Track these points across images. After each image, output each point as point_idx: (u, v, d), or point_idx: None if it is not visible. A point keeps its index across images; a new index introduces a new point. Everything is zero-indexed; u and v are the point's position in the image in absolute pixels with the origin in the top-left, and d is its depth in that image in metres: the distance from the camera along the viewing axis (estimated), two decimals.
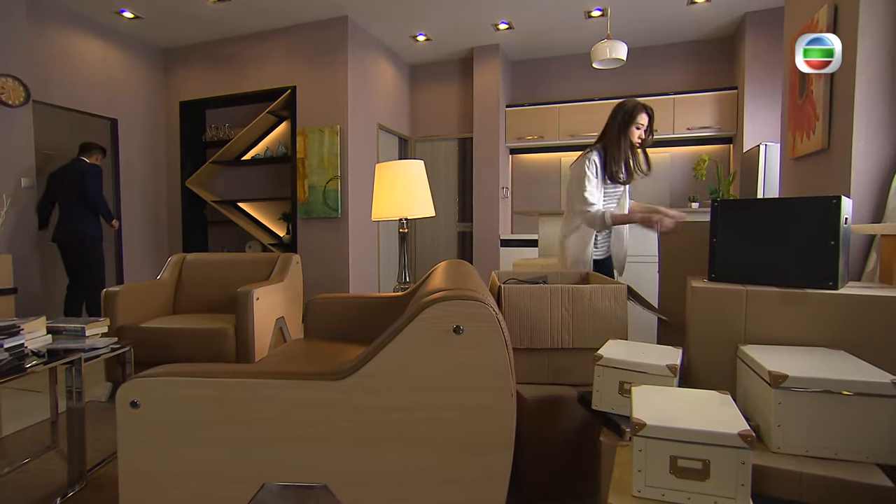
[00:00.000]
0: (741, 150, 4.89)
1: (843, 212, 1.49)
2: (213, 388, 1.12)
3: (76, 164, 4.16)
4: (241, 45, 5.29)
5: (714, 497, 0.99)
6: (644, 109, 2.50)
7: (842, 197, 1.48)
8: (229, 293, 2.96)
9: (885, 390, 1.15)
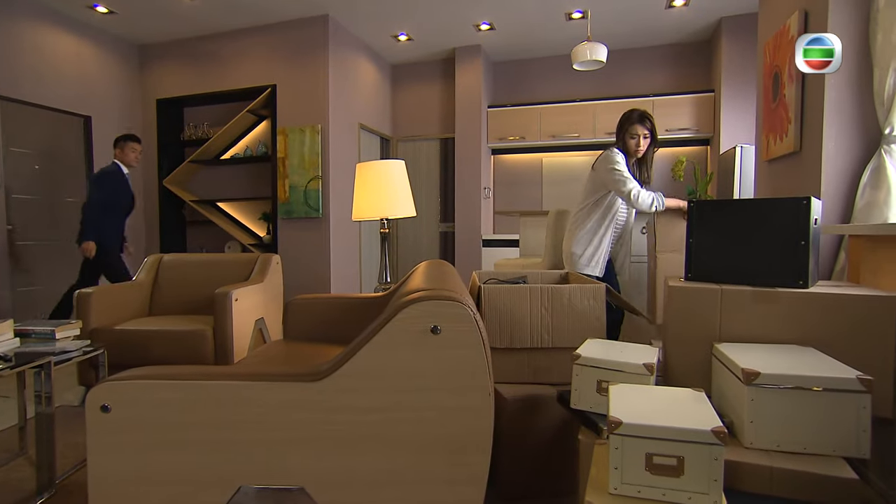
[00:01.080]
0: (718, 151, 4.98)
1: (812, 212, 1.52)
2: (186, 391, 1.10)
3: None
4: (219, 42, 5.21)
5: (688, 493, 1.01)
6: (638, 119, 2.52)
7: (811, 198, 1.52)
8: (207, 294, 2.92)
9: (850, 385, 1.18)
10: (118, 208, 3.96)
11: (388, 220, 2.55)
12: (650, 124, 2.54)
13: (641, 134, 2.52)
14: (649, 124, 2.54)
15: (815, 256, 1.59)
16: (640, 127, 2.52)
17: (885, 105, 1.93)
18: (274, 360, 1.91)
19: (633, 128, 2.53)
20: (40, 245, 4.54)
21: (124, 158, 3.95)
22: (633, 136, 2.53)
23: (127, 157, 3.95)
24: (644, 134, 2.52)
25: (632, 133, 2.53)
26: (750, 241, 1.62)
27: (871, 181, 2.00)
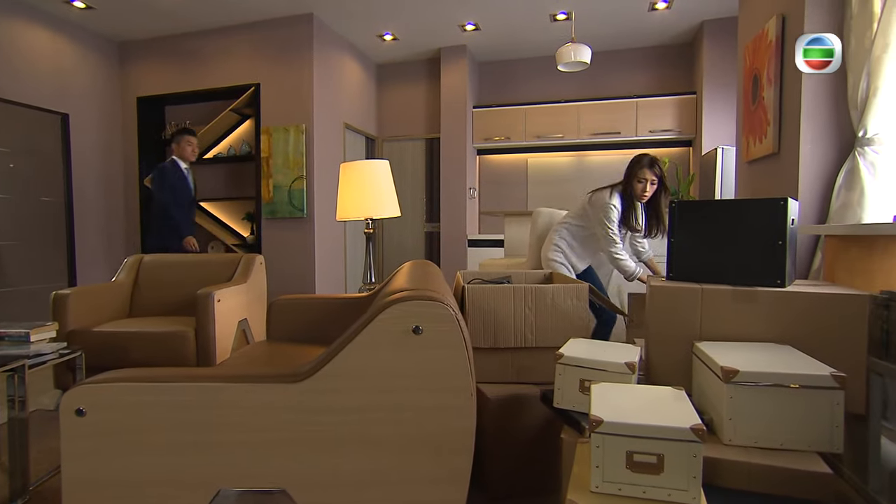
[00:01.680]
0: (700, 152, 5.05)
1: (789, 213, 1.55)
2: (165, 394, 1.08)
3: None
4: (202, 40, 5.14)
5: (668, 490, 1.02)
6: (648, 164, 2.50)
7: (788, 199, 1.55)
8: (189, 295, 2.88)
9: (824, 382, 1.21)
10: (178, 204, 3.88)
11: (372, 221, 2.54)
12: (659, 170, 2.51)
13: (649, 179, 2.49)
14: (658, 170, 2.51)
15: (792, 256, 1.62)
16: (649, 172, 2.50)
17: (858, 108, 1.97)
18: (256, 362, 1.89)
19: (641, 171, 2.51)
20: (14, 246, 4.43)
21: (182, 153, 3.89)
22: (640, 181, 2.51)
23: (184, 151, 3.89)
24: (652, 179, 2.50)
25: (640, 177, 2.50)
26: (729, 241, 1.65)
27: (846, 183, 2.04)
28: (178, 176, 3.89)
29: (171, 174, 3.85)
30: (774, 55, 2.42)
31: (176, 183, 3.86)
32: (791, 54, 2.32)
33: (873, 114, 1.92)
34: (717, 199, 4.21)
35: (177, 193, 3.86)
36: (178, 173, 3.90)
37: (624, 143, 5.60)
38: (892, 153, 1.91)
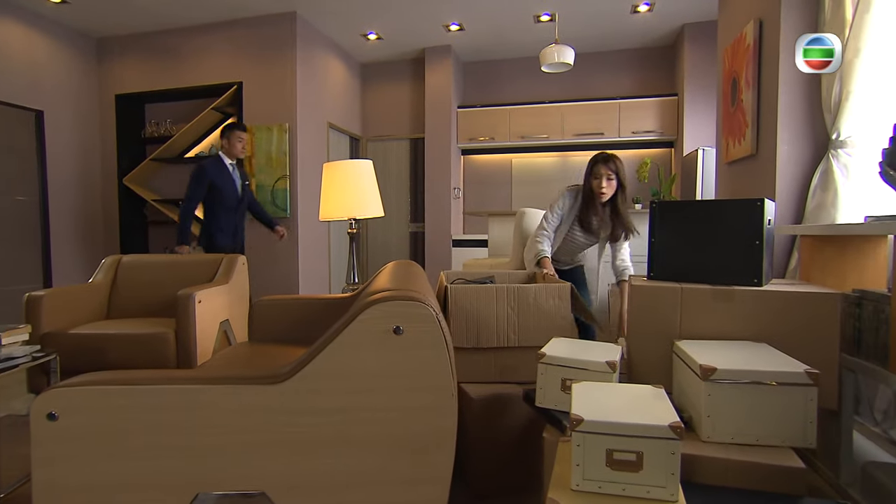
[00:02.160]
0: (682, 153, 5.12)
1: (766, 214, 1.58)
2: (141, 396, 1.06)
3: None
4: (183, 37, 5.06)
5: (647, 487, 1.03)
6: (602, 160, 2.46)
7: (765, 200, 1.57)
8: (170, 296, 2.83)
9: (798, 379, 1.23)
10: (223, 202, 3.61)
11: (356, 221, 2.52)
12: (615, 166, 2.46)
13: (604, 174, 2.44)
14: (614, 166, 2.46)
15: (769, 256, 1.65)
16: (604, 167, 2.45)
17: (832, 112, 2.02)
18: (238, 363, 1.87)
19: (596, 168, 2.47)
20: None
21: (231, 150, 3.64)
22: (596, 177, 2.46)
23: (234, 147, 3.64)
24: (608, 175, 2.44)
25: (595, 173, 2.47)
26: (708, 241, 1.67)
27: (821, 184, 2.09)
28: (220, 173, 3.61)
29: (210, 170, 3.56)
30: (752, 59, 2.47)
31: (217, 180, 3.57)
32: (768, 58, 2.37)
33: (846, 117, 1.97)
34: (696, 199, 4.27)
35: (222, 193, 3.60)
36: (221, 170, 3.61)
37: (607, 144, 5.65)
38: (864, 155, 1.96)
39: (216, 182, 3.57)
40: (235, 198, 3.70)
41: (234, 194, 3.69)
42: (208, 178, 3.54)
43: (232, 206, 3.67)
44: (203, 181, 3.53)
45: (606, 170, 2.44)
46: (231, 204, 3.67)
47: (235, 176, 3.71)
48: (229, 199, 3.65)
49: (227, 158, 3.67)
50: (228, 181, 3.66)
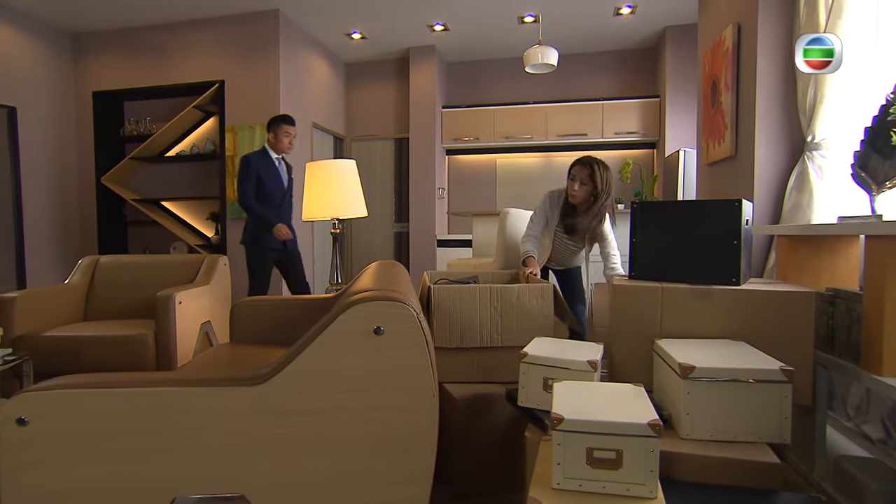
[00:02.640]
0: (664, 154, 5.19)
1: (744, 214, 1.61)
2: (116, 400, 1.04)
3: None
4: (163, 34, 4.98)
5: (626, 484, 1.04)
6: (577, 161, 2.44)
7: (742, 200, 1.60)
8: (149, 297, 2.78)
9: (774, 376, 1.26)
10: (268, 199, 3.43)
11: (339, 221, 2.51)
12: (590, 170, 2.41)
13: (578, 178, 2.42)
14: (588, 170, 2.41)
15: (747, 255, 1.68)
16: (578, 168, 2.43)
17: (807, 115, 2.06)
18: (218, 365, 1.85)
19: (571, 169, 2.47)
20: None
21: (277, 145, 3.46)
22: (571, 178, 2.46)
23: (280, 142, 3.46)
24: (581, 179, 2.41)
25: (570, 175, 2.46)
26: (688, 240, 1.70)
27: (797, 185, 2.13)
28: (266, 166, 3.43)
29: (255, 164, 3.38)
30: (731, 61, 2.51)
31: (263, 174, 3.40)
32: (746, 61, 2.41)
33: (820, 120, 2.02)
34: (676, 199, 4.33)
35: (267, 188, 3.42)
36: (267, 164, 3.44)
37: (591, 145, 5.70)
38: (837, 157, 2.01)
39: (262, 176, 3.39)
40: (281, 193, 3.52)
41: (280, 189, 3.52)
42: (255, 170, 3.36)
43: (277, 202, 3.49)
44: (250, 173, 3.35)
45: (579, 173, 2.43)
46: (276, 200, 3.48)
47: (281, 171, 3.54)
48: (275, 195, 3.47)
49: (273, 153, 3.49)
50: (274, 176, 3.48)
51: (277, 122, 3.45)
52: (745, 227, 1.63)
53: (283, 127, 3.44)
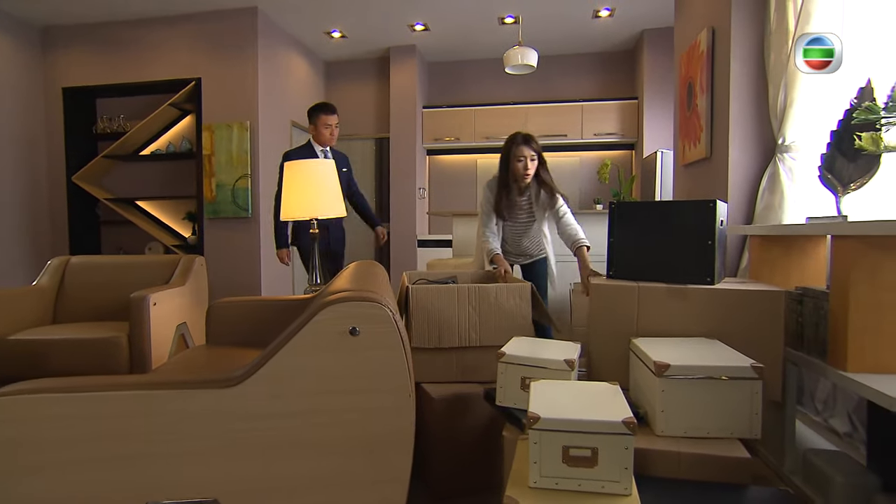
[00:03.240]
0: (642, 155, 5.26)
1: (718, 214, 1.64)
2: (84, 404, 1.01)
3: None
4: (137, 29, 4.87)
5: (601, 482, 1.05)
6: (523, 141, 2.39)
7: (717, 201, 1.63)
8: (123, 299, 2.71)
9: (745, 373, 1.28)
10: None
11: (318, 221, 2.48)
12: (536, 145, 2.40)
13: (528, 156, 2.37)
14: (535, 145, 2.40)
15: (721, 255, 1.71)
16: (527, 149, 2.38)
17: (778, 118, 2.11)
18: (193, 367, 1.81)
19: (518, 150, 2.38)
20: None
21: (319, 137, 3.12)
22: (519, 159, 2.39)
23: (321, 134, 3.10)
24: (531, 156, 2.38)
25: (518, 156, 2.39)
26: (664, 240, 1.72)
27: (768, 186, 2.19)
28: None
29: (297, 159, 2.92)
30: (706, 65, 2.56)
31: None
32: (720, 64, 2.46)
33: (791, 123, 2.07)
34: (654, 200, 4.40)
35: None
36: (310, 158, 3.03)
37: (570, 146, 5.76)
38: (807, 160, 2.06)
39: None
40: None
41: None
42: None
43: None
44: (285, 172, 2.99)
45: (530, 150, 2.38)
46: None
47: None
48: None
49: (317, 146, 3.16)
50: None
51: (315, 112, 3.12)
52: (719, 227, 1.66)
53: (322, 117, 3.10)
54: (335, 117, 3.12)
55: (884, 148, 1.28)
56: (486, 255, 2.42)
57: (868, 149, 1.30)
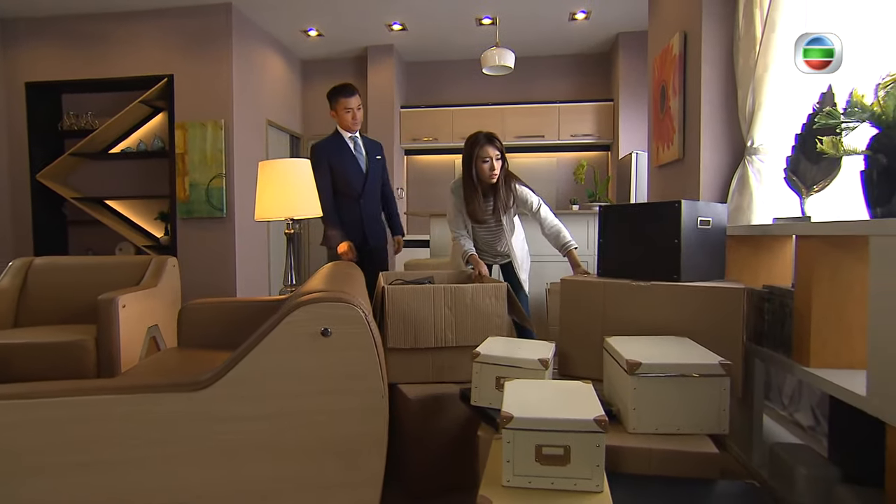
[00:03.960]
0: (618, 156, 5.34)
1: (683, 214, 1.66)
2: (39, 411, 0.98)
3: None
4: (106, 23, 4.73)
5: (574, 479, 1.06)
6: (487, 141, 2.30)
7: (682, 201, 1.66)
8: (91, 301, 2.63)
9: (714, 371, 1.31)
10: (341, 188, 2.82)
11: (295, 221, 2.45)
12: (500, 144, 2.32)
13: (493, 156, 2.29)
14: (499, 144, 2.32)
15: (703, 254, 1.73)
16: (491, 148, 2.29)
17: (746, 121, 2.17)
18: (162, 370, 1.77)
19: (482, 150, 2.29)
20: None
21: (341, 123, 2.83)
22: (484, 160, 2.30)
23: (342, 119, 2.82)
24: (496, 155, 2.29)
25: (483, 157, 2.29)
26: (641, 240, 1.76)
27: (738, 188, 2.24)
28: (336, 150, 2.81)
29: (323, 149, 2.80)
30: (678, 68, 2.61)
31: (333, 163, 2.78)
32: (692, 68, 2.51)
33: (758, 126, 2.12)
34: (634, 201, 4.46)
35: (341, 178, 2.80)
36: (339, 147, 2.82)
37: (547, 147, 5.81)
38: (774, 162, 2.12)
39: (333, 165, 2.78)
40: (360, 181, 2.84)
41: (358, 177, 2.84)
42: (325, 160, 2.77)
43: (355, 191, 2.83)
44: (320, 166, 2.74)
45: (494, 150, 2.29)
46: (354, 189, 2.83)
47: (359, 153, 2.88)
48: (352, 185, 2.82)
49: (345, 132, 2.86)
50: (349, 160, 2.82)
51: (334, 95, 2.82)
52: (699, 227, 1.69)
53: (341, 101, 2.79)
54: (356, 99, 2.82)
55: (843, 151, 1.32)
56: (461, 257, 2.40)
57: (829, 152, 1.35)
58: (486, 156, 2.30)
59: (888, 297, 1.08)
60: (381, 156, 3.00)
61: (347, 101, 2.79)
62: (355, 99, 2.81)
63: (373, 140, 3.01)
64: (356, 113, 2.81)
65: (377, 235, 2.94)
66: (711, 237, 1.76)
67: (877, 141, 1.22)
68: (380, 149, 3.02)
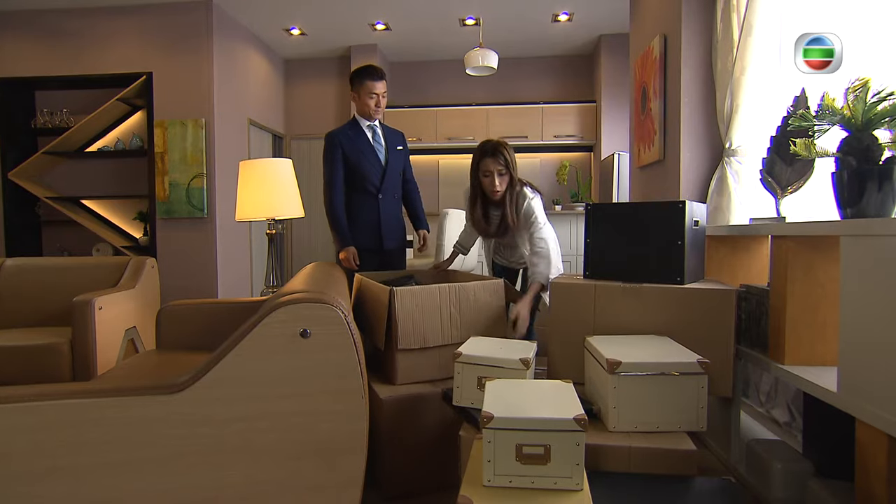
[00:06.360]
0: (600, 157, 5.39)
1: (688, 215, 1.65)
2: (13, 416, 0.95)
3: None
4: (81, 19, 4.63)
5: (554, 478, 1.07)
6: (490, 153, 2.08)
7: (686, 202, 1.65)
8: (66, 303, 2.57)
9: (692, 369, 1.33)
10: (357, 182, 2.52)
11: (277, 221, 2.42)
12: (505, 157, 2.08)
13: (495, 170, 2.07)
14: (503, 158, 2.07)
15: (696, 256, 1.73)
16: (491, 162, 2.07)
17: (725, 123, 2.20)
18: (139, 373, 1.74)
19: (483, 164, 2.09)
20: None
21: (362, 108, 2.53)
22: (485, 174, 2.10)
23: (365, 105, 2.51)
24: (498, 170, 2.07)
25: (483, 170, 2.10)
26: (636, 241, 1.74)
27: (717, 188, 2.27)
28: (353, 140, 2.51)
29: (337, 138, 2.50)
30: (659, 70, 2.64)
31: (348, 150, 2.48)
32: (672, 70, 2.55)
33: (736, 128, 2.16)
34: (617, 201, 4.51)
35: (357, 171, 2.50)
36: (356, 136, 2.53)
37: (531, 147, 5.85)
38: (752, 163, 2.16)
39: (348, 155, 2.49)
40: (377, 173, 2.54)
41: (376, 169, 2.54)
42: (339, 150, 2.49)
43: (372, 185, 2.53)
44: (333, 155, 2.48)
45: (496, 164, 2.07)
46: (371, 182, 2.52)
47: (378, 143, 2.58)
48: (369, 178, 2.51)
49: (363, 120, 2.58)
50: (366, 150, 2.52)
51: (360, 77, 2.52)
52: (693, 228, 1.68)
53: (367, 84, 2.49)
54: (383, 84, 2.52)
55: (815, 154, 1.35)
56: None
57: (802, 154, 1.38)
58: (486, 169, 2.09)
59: (858, 296, 1.10)
60: (402, 146, 2.71)
61: (374, 86, 2.49)
62: (382, 84, 2.53)
63: (394, 129, 2.73)
64: (381, 100, 2.53)
65: (395, 237, 2.64)
66: (699, 238, 1.76)
67: (846, 144, 1.25)
68: (401, 139, 2.72)
